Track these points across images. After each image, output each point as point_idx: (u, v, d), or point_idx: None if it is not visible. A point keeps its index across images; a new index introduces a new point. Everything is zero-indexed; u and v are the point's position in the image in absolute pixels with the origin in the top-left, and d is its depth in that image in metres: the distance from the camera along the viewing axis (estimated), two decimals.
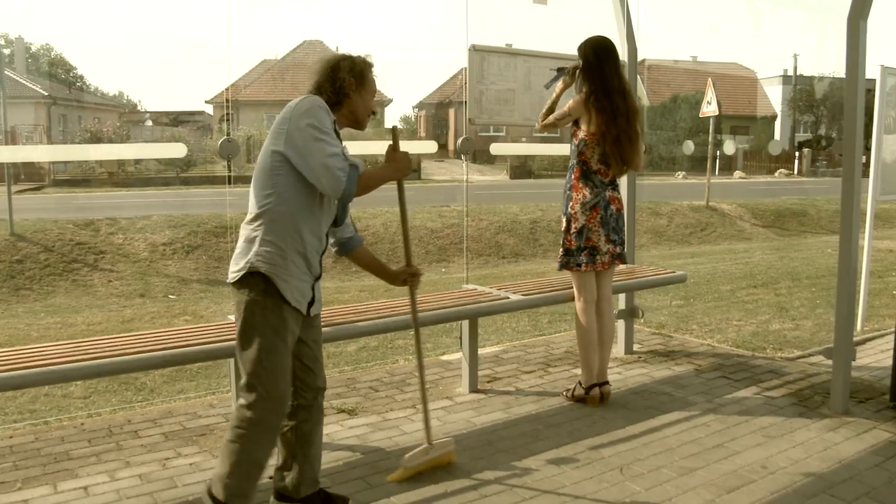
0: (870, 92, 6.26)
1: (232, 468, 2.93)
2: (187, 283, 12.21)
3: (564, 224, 4.59)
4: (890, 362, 4.60)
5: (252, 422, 2.93)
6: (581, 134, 4.47)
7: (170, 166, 27.59)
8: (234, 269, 2.96)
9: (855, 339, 5.25)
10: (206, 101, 42.82)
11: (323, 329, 3.88)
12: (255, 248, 2.92)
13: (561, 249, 4.62)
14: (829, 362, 4.61)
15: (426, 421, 3.68)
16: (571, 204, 4.53)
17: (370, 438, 4.08)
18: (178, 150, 5.02)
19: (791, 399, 4.72)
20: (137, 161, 26.68)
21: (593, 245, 4.52)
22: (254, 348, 2.92)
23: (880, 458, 3.85)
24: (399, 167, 3.25)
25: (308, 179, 2.91)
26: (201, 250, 13.38)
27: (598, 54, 4.40)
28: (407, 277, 3.64)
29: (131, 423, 4.31)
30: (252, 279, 2.92)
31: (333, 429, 4.20)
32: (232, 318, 4.09)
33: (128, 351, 3.48)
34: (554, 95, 4.63)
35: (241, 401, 2.95)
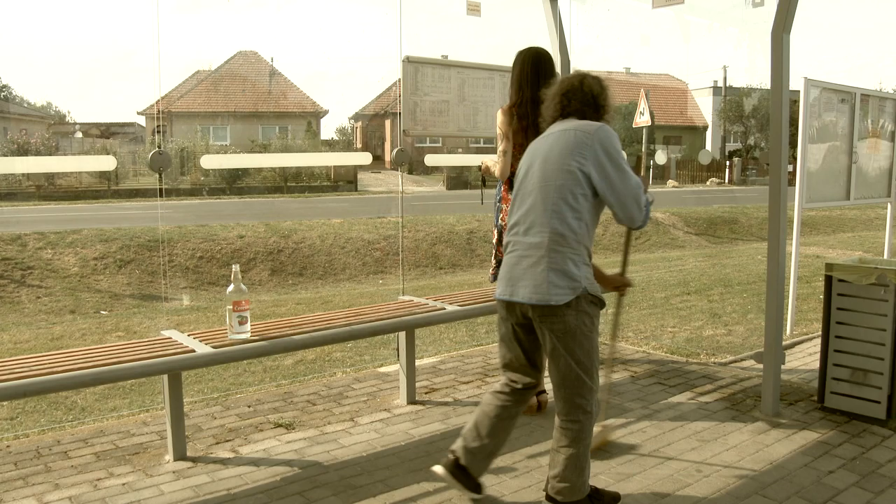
0: (795, 103, 6.44)
1: (580, 471, 3.21)
2: (120, 298, 11.96)
3: (496, 236, 4.60)
4: (818, 365, 4.72)
5: (589, 421, 3.23)
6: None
7: (100, 179, 27.05)
8: (559, 291, 3.09)
9: (784, 343, 5.39)
10: (139, 113, 42.10)
11: (259, 343, 3.86)
12: (578, 271, 3.12)
13: (493, 261, 4.63)
14: (760, 366, 4.71)
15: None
16: (502, 216, 4.53)
17: (308, 453, 4.04)
18: (107, 163, 4.92)
19: (724, 403, 4.81)
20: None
21: None
22: (591, 357, 3.19)
23: (809, 457, 3.95)
24: None
25: (610, 206, 3.18)
26: (134, 265, 13.13)
27: (536, 67, 4.38)
28: (620, 284, 3.79)
29: (61, 443, 4.20)
30: (582, 298, 3.12)
31: (271, 444, 4.16)
32: (167, 333, 4.04)
33: (57, 369, 3.39)
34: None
35: (574, 412, 3.20)
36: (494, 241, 4.61)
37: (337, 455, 4.01)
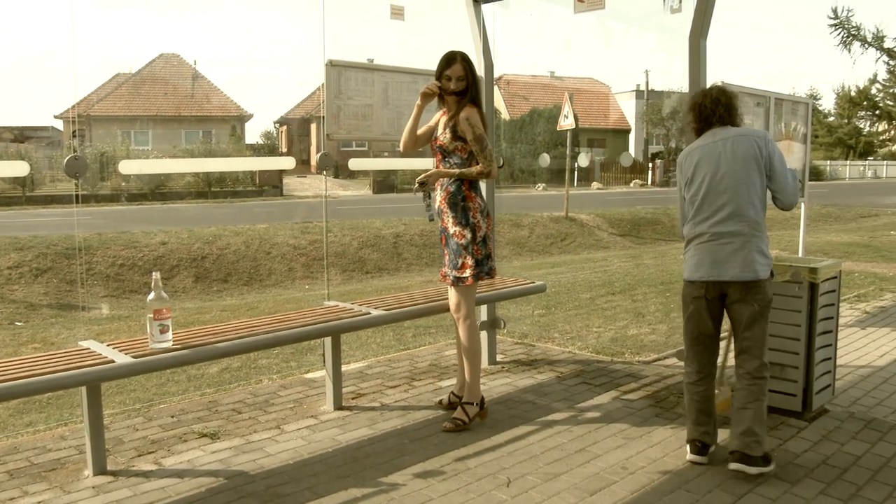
0: None
1: (764, 424, 3.80)
2: (36, 308, 11.59)
3: (469, 236, 4.41)
4: None
5: (767, 381, 3.86)
6: (469, 147, 4.43)
7: (14, 185, 26.21)
8: (763, 268, 3.77)
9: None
10: (55, 116, 40.95)
11: (181, 352, 3.79)
12: (768, 250, 3.83)
13: (469, 261, 4.41)
14: (683, 363, 4.80)
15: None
16: (472, 213, 4.42)
17: (233, 462, 3.97)
18: (20, 168, 4.76)
19: (648, 401, 4.90)
20: None
21: (490, 252, 4.52)
22: (768, 324, 3.87)
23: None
24: None
25: (776, 194, 3.88)
26: (51, 273, 12.75)
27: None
28: None
29: None
30: (771, 273, 3.84)
31: (195, 454, 4.08)
32: (85, 343, 3.95)
33: None
34: (412, 121, 4.58)
35: (763, 370, 3.83)
36: (468, 240, 4.42)
37: (263, 464, 3.95)
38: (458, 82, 4.39)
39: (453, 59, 4.40)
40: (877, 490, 3.63)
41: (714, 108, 3.90)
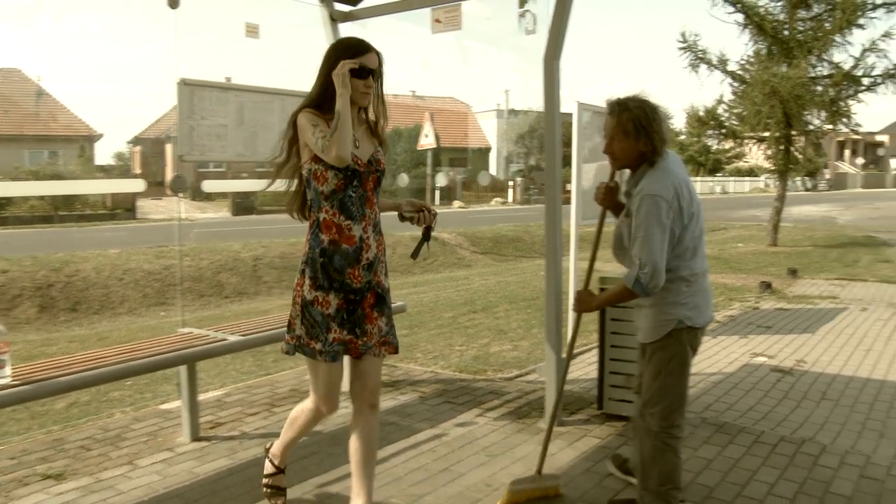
0: (571, 125, 6.73)
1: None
2: None
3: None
4: (597, 374, 4.96)
5: None
6: None
7: None
8: None
9: (564, 354, 5.59)
10: None
11: (20, 388, 3.56)
12: None
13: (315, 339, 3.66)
14: (544, 379, 4.89)
15: (543, 449, 3.86)
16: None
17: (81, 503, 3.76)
18: None
19: (511, 417, 4.95)
20: None
21: None
22: None
23: (591, 462, 4.15)
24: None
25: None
26: None
27: None
28: None
29: None
30: None
31: (38, 498, 3.82)
32: None
33: None
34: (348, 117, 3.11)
35: None
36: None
37: (114, 503, 3.75)
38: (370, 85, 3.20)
39: (368, 48, 3.16)
40: (727, 491, 3.80)
41: (666, 129, 3.39)
